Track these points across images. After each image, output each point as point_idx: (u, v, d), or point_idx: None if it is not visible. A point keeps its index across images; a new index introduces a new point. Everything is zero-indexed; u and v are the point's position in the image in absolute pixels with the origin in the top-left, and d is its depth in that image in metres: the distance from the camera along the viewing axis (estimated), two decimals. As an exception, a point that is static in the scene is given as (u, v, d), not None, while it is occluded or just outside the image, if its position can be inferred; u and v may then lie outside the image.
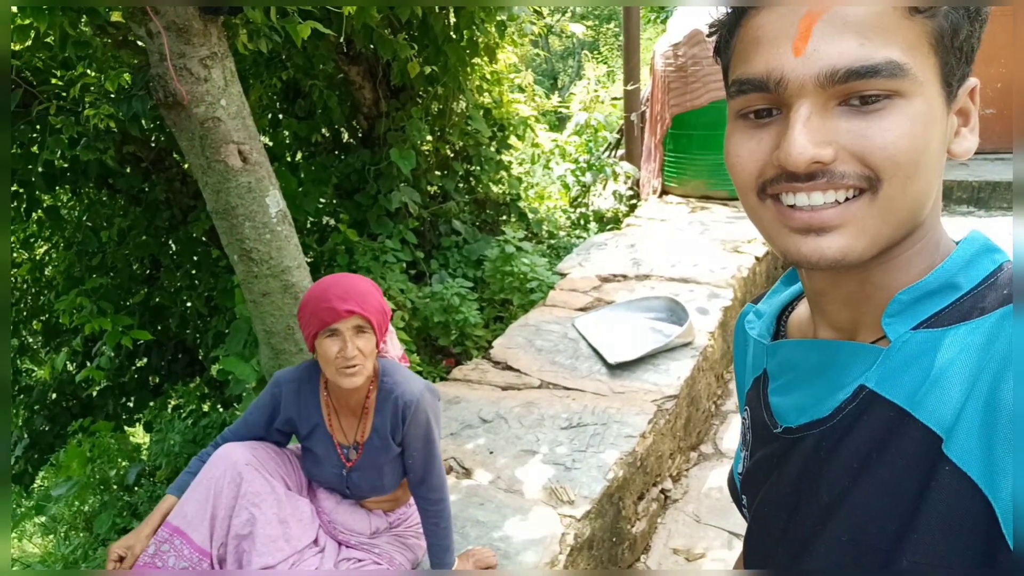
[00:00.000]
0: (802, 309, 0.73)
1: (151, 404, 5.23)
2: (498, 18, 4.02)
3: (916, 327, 0.57)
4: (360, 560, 1.80)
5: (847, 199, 0.55)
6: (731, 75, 0.61)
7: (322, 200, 4.89)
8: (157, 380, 5.39)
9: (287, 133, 4.92)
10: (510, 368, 3.11)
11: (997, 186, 5.51)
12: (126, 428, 5.41)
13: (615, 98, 7.07)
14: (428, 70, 4.22)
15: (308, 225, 4.96)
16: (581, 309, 3.64)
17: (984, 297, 0.55)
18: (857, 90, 0.53)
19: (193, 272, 5.02)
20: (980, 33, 0.56)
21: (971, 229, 0.61)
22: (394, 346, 1.91)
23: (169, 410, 4.96)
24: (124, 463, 4.81)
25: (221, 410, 4.68)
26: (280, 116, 4.98)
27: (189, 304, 5.10)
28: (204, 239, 4.73)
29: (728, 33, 0.61)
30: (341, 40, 3.45)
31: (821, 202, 0.55)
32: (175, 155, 4.47)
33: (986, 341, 0.52)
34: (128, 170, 4.43)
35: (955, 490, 0.50)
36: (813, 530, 0.60)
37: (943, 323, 0.55)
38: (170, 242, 4.96)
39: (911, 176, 0.54)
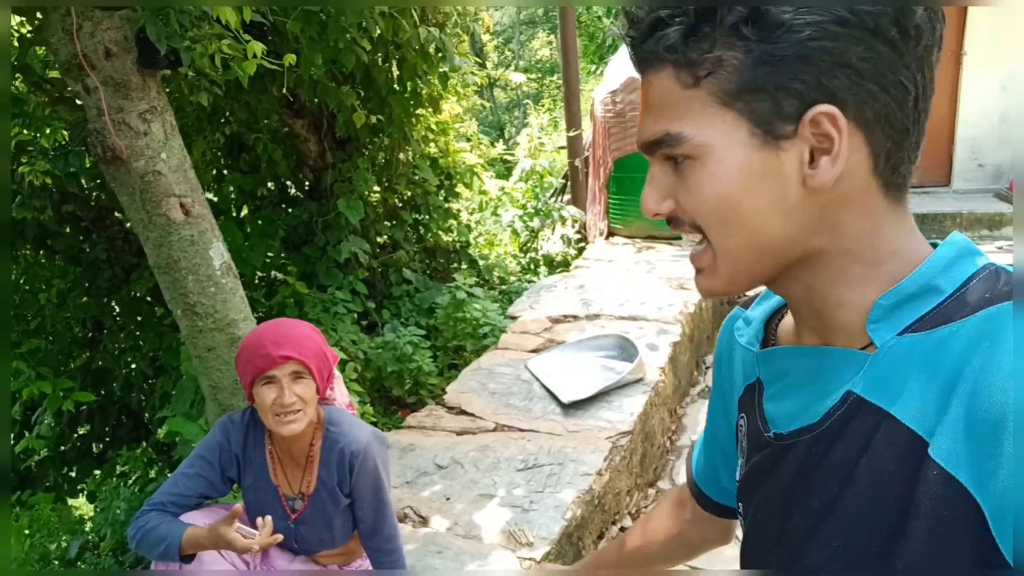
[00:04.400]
0: (790, 316, 0.74)
1: (95, 473, 5.01)
2: (440, 69, 4.10)
3: (902, 332, 0.57)
4: None
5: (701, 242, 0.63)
6: None
7: (270, 254, 4.84)
8: (101, 447, 5.17)
9: (232, 188, 4.88)
10: (464, 412, 3.09)
11: (924, 218, 5.78)
12: (68, 500, 5.16)
13: (560, 147, 7.24)
14: (374, 120, 4.26)
15: (256, 280, 4.90)
16: (533, 351, 3.65)
17: (966, 300, 0.56)
18: (663, 155, 0.61)
19: (137, 333, 4.88)
20: (798, 68, 0.54)
21: (952, 232, 0.62)
22: (341, 393, 1.89)
23: (114, 478, 4.75)
24: (65, 536, 4.58)
25: (168, 474, 4.50)
26: (224, 171, 4.94)
27: (134, 366, 4.94)
28: (148, 298, 4.62)
29: None
30: (284, 93, 3.47)
31: (694, 243, 0.64)
32: (116, 213, 4.39)
33: (968, 343, 0.52)
34: (67, 229, 4.33)
35: (942, 493, 0.50)
36: (806, 537, 0.60)
37: (927, 327, 0.56)
38: (112, 303, 4.82)
39: (725, 225, 0.59)
